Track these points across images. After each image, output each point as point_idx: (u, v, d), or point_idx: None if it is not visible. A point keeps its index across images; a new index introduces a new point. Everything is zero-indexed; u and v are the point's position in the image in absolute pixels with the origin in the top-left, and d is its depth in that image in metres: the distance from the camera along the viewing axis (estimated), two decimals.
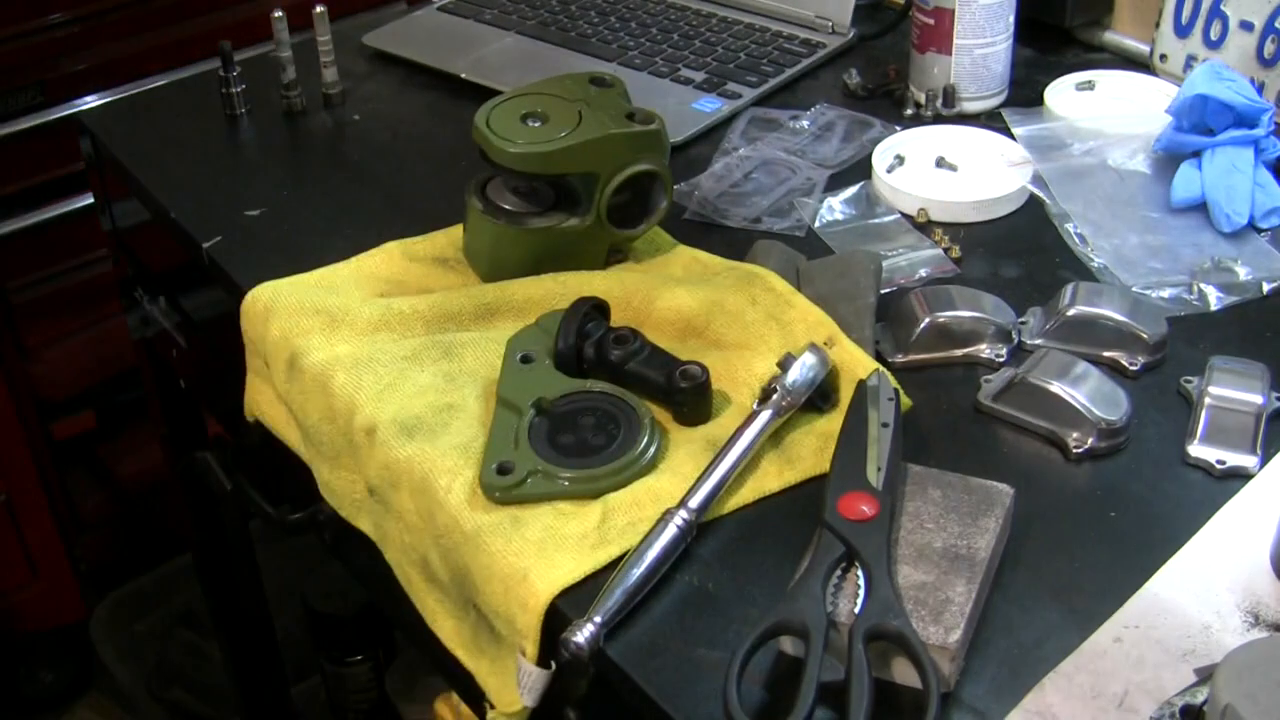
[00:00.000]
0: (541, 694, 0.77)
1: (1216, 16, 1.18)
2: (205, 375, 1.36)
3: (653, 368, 0.89)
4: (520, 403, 0.86)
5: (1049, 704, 0.69)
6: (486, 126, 0.96)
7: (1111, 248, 1.03)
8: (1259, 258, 1.01)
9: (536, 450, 0.83)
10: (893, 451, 0.79)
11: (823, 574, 0.72)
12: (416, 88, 1.33)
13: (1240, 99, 1.05)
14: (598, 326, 0.91)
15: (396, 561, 0.90)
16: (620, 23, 1.39)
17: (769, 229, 1.08)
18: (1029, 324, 0.95)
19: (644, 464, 0.83)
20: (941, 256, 1.04)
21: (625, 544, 0.78)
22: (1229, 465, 0.83)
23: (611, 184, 0.98)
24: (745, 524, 0.82)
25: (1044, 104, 1.20)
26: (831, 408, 0.87)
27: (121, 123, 1.31)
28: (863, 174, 1.14)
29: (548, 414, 0.86)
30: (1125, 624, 0.74)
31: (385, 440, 0.87)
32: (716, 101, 1.25)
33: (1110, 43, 1.32)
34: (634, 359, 0.89)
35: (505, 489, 0.81)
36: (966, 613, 0.71)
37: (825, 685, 0.68)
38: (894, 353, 0.93)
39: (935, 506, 0.78)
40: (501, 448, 0.83)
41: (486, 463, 0.83)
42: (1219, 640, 0.72)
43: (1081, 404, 0.85)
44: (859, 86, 1.27)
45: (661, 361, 0.89)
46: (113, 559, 2.02)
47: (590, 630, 0.73)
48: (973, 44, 1.19)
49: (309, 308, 0.97)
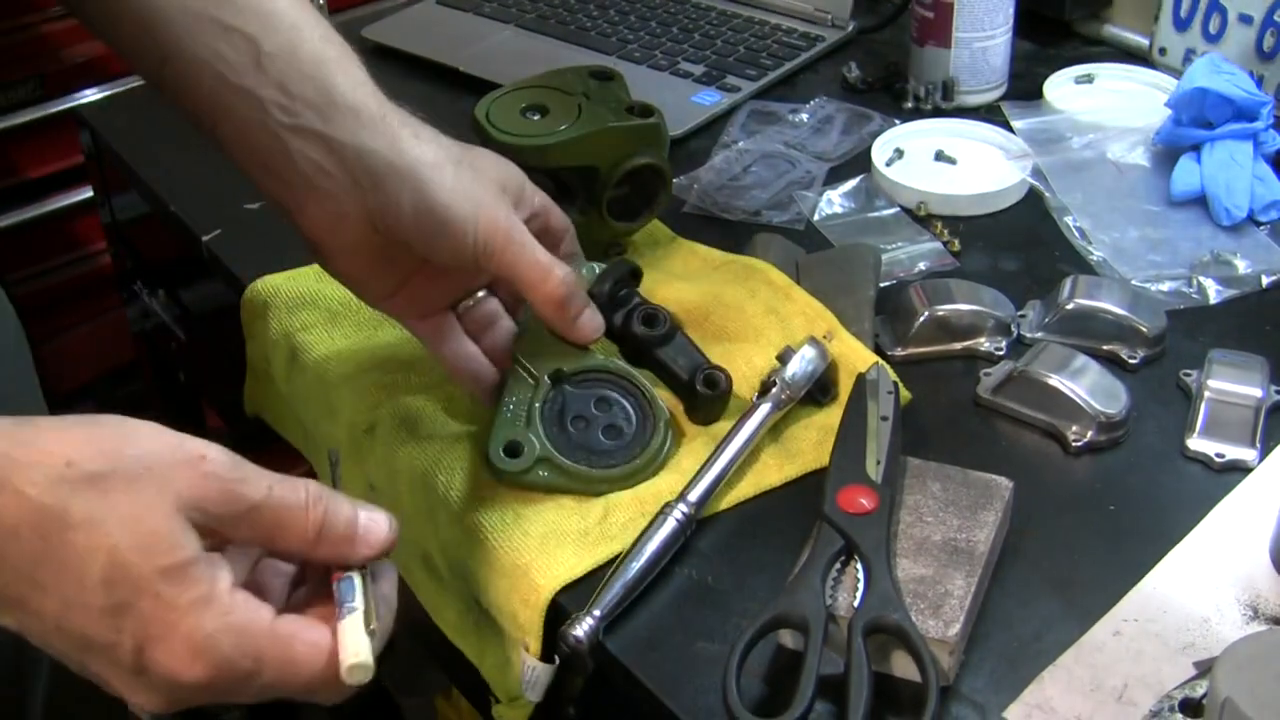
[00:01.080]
0: (546, 688, 0.77)
1: (1215, 10, 1.18)
2: (205, 368, 1.36)
3: (678, 362, 0.86)
4: (538, 370, 0.83)
5: (1048, 697, 0.69)
6: (486, 119, 0.96)
7: (1111, 241, 1.03)
8: (1258, 251, 1.01)
9: (547, 433, 0.81)
10: (892, 445, 0.79)
11: (822, 567, 0.72)
12: (416, 81, 1.33)
13: (1239, 92, 1.05)
14: (629, 296, 0.88)
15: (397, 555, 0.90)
16: (619, 16, 1.39)
17: (768, 222, 1.08)
18: (1028, 317, 0.95)
19: (652, 470, 0.83)
20: (941, 250, 1.04)
21: (627, 540, 0.78)
22: (1228, 458, 0.84)
23: (612, 177, 0.97)
24: (744, 517, 0.82)
25: (1043, 97, 1.20)
26: (831, 401, 0.87)
27: (121, 116, 1.30)
28: (862, 167, 1.14)
29: (562, 389, 0.83)
30: (1124, 617, 0.74)
31: (386, 436, 0.87)
32: (716, 95, 1.25)
33: (1109, 36, 1.31)
34: (661, 345, 0.87)
35: (512, 474, 0.80)
36: (966, 606, 0.71)
37: (824, 678, 0.68)
38: (893, 346, 0.93)
39: (934, 500, 0.78)
40: (512, 422, 0.81)
41: (495, 437, 0.80)
42: (1218, 633, 0.72)
43: (1081, 397, 0.85)
44: (858, 80, 1.27)
45: (688, 357, 0.87)
46: None
47: (589, 624, 0.73)
48: (972, 37, 1.19)
49: (309, 302, 0.97)
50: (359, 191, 0.73)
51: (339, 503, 0.61)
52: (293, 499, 0.59)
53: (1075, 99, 1.21)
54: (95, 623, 0.55)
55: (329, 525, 0.60)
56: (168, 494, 0.56)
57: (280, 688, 0.58)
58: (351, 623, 0.59)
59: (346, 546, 0.61)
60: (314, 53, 0.73)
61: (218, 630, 0.56)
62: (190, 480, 0.57)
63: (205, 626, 0.56)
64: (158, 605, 0.55)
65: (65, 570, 0.55)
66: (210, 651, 0.56)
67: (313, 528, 0.60)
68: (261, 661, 0.57)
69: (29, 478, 0.54)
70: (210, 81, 0.72)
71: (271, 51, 0.72)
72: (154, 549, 0.55)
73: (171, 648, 0.55)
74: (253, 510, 0.58)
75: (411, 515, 0.86)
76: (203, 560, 0.56)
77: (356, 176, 0.73)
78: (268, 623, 0.57)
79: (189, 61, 0.72)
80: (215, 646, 0.56)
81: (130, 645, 0.55)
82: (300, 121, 0.72)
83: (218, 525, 0.58)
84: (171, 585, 0.55)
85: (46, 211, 1.75)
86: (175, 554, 0.55)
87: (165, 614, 0.55)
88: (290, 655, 0.58)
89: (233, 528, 0.58)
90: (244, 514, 0.58)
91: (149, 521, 0.55)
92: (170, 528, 0.56)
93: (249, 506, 0.58)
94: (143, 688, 0.57)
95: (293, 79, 0.72)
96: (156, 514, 0.55)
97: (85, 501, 0.55)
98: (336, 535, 0.60)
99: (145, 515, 0.55)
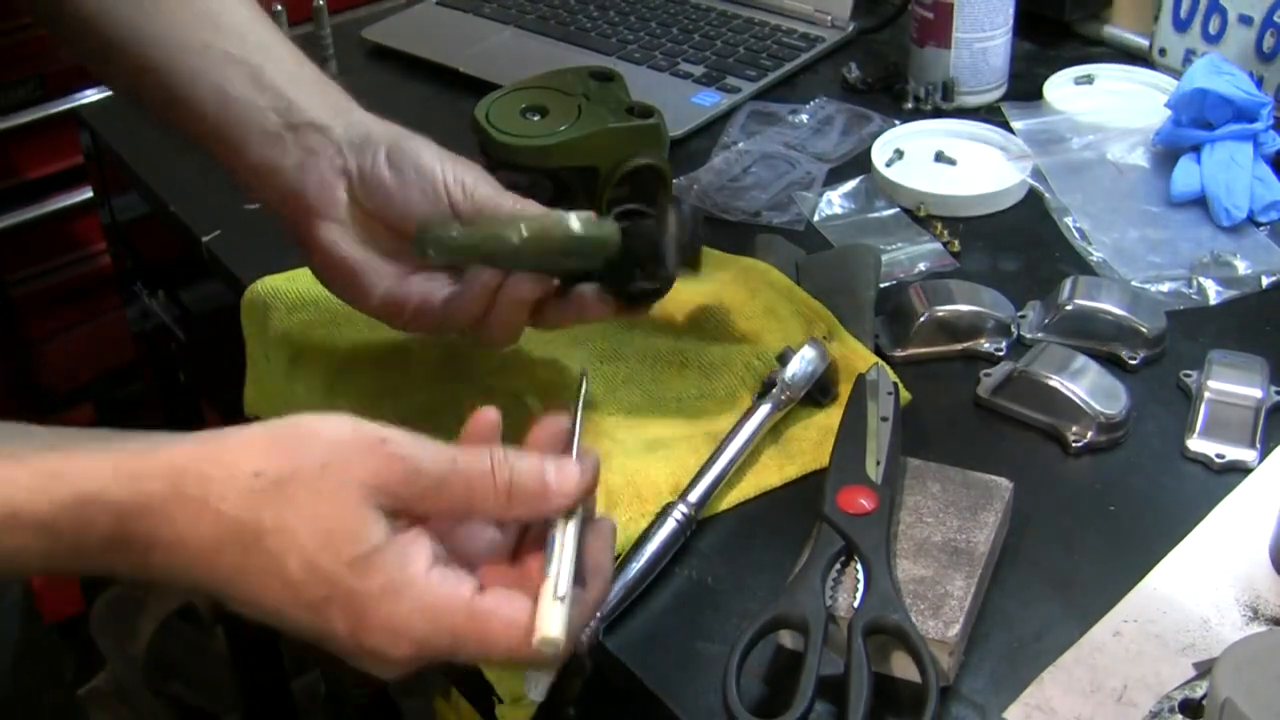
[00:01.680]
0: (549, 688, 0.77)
1: (1215, 11, 1.18)
2: (205, 369, 1.36)
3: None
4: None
5: (1048, 698, 0.69)
6: (486, 120, 0.96)
7: (1111, 241, 1.03)
8: (1258, 252, 1.01)
9: None
10: (892, 445, 0.79)
11: (822, 568, 0.72)
12: (416, 81, 1.33)
13: (1239, 93, 1.05)
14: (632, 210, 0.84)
15: None
16: (619, 17, 1.39)
17: (768, 223, 1.08)
18: (1028, 318, 0.95)
19: None
20: (941, 250, 1.04)
21: (627, 540, 0.78)
22: (1228, 459, 0.84)
23: (612, 178, 0.97)
24: (744, 518, 0.82)
25: (1043, 98, 1.20)
26: (831, 402, 0.87)
27: (120, 117, 1.30)
28: (862, 168, 1.14)
29: None
30: (1124, 618, 0.74)
31: None
32: (716, 95, 1.25)
33: (1109, 37, 1.32)
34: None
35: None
36: (965, 607, 0.71)
37: (824, 679, 0.68)
38: (893, 347, 0.93)
39: (934, 500, 0.78)
40: None
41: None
42: (1218, 634, 0.72)
43: (1081, 398, 0.85)
44: (858, 80, 1.27)
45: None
46: None
47: (590, 624, 0.73)
48: (972, 38, 1.19)
49: (309, 302, 0.97)
50: (350, 150, 0.81)
51: (526, 460, 0.62)
52: (478, 466, 0.61)
53: (1075, 100, 1.21)
54: (307, 617, 0.59)
55: (518, 485, 0.61)
56: (350, 486, 0.58)
57: (485, 660, 0.61)
58: (545, 591, 0.60)
59: (540, 502, 0.62)
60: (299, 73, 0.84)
61: (412, 613, 0.58)
62: (372, 467, 0.59)
63: (400, 611, 0.58)
64: (352, 598, 0.58)
65: (268, 576, 0.58)
66: (409, 633, 0.59)
67: (502, 490, 0.61)
68: (458, 639, 0.59)
69: (222, 494, 0.58)
70: (215, 102, 0.81)
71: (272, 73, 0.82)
72: (338, 545, 0.58)
73: (375, 633, 0.59)
74: (439, 484, 0.60)
75: None
76: (389, 547, 0.59)
77: (350, 138, 0.81)
78: (464, 601, 0.59)
79: (189, 85, 0.81)
80: (412, 628, 0.59)
81: (344, 631, 0.59)
82: (294, 119, 0.81)
83: (406, 505, 0.60)
84: (360, 577, 0.58)
85: (46, 212, 1.75)
86: (358, 546, 0.58)
87: (361, 604, 0.58)
88: (486, 633, 0.59)
89: (422, 504, 0.60)
90: (431, 490, 0.60)
91: (332, 519, 0.58)
92: (352, 521, 0.58)
93: (434, 482, 0.60)
94: (370, 664, 0.60)
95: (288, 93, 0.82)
96: (340, 509, 0.58)
97: (274, 509, 0.58)
98: (528, 493, 0.62)
99: (328, 513, 0.58)
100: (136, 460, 0.59)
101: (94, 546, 0.58)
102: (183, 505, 0.58)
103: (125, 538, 0.58)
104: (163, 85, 0.82)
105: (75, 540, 0.58)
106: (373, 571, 0.58)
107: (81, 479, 0.58)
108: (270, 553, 0.58)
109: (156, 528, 0.58)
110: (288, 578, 0.58)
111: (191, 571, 0.59)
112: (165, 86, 0.82)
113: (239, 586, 0.59)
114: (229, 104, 0.80)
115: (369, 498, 0.59)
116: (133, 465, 0.59)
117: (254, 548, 0.58)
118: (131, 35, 0.83)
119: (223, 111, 0.81)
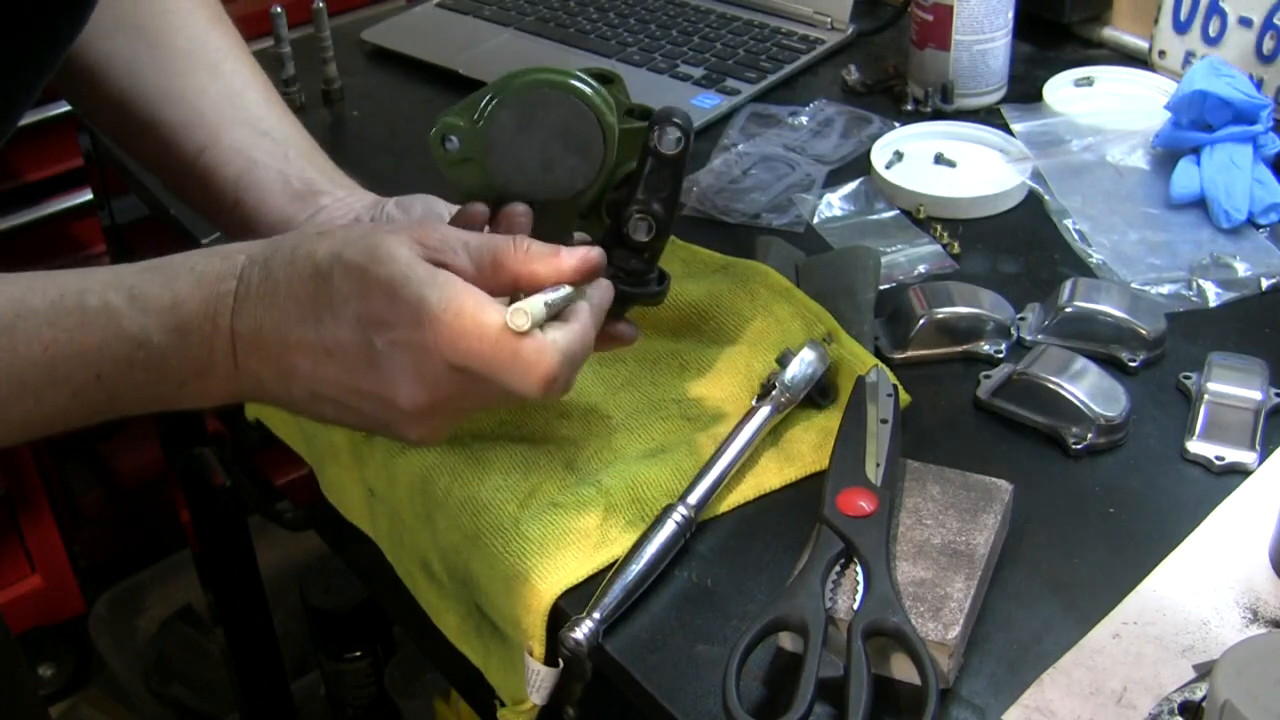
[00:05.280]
0: (550, 692, 0.78)
1: (1215, 13, 1.18)
2: None
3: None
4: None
5: (1048, 700, 0.70)
6: None
7: (1110, 244, 1.03)
8: (1258, 254, 1.01)
9: None
10: (892, 447, 0.79)
11: (821, 570, 0.72)
12: (415, 83, 1.33)
13: (1239, 95, 1.05)
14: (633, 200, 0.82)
15: (398, 560, 0.90)
16: (619, 19, 1.39)
17: (768, 225, 1.08)
18: (1028, 320, 0.95)
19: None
20: (940, 252, 1.04)
21: (627, 544, 0.78)
22: (1228, 461, 0.84)
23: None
24: (744, 520, 0.82)
25: (1043, 100, 1.20)
26: (830, 404, 0.88)
27: None
28: (862, 170, 1.14)
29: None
30: (1124, 620, 0.74)
31: (385, 442, 0.87)
32: (715, 98, 1.25)
33: (1109, 39, 1.32)
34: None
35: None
36: (965, 609, 0.71)
37: (824, 681, 0.68)
38: (893, 349, 0.93)
39: (934, 503, 0.78)
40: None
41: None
42: (1218, 636, 0.73)
43: (1080, 400, 0.85)
44: (858, 82, 1.27)
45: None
46: (112, 554, 2.02)
47: (589, 626, 0.73)
48: (971, 40, 1.19)
49: None
50: (362, 208, 0.87)
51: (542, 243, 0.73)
52: (501, 238, 0.72)
53: (1075, 102, 1.21)
54: (348, 336, 0.68)
55: (536, 249, 0.72)
56: (392, 231, 0.70)
57: (466, 354, 0.67)
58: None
59: (553, 257, 0.72)
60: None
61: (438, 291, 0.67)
62: (410, 230, 0.70)
63: (432, 296, 0.67)
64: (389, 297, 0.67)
65: (320, 294, 0.68)
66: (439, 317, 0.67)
67: (521, 250, 0.72)
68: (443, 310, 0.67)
69: (294, 244, 0.70)
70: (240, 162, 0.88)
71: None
72: (376, 255, 0.68)
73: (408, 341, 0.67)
74: (468, 243, 0.71)
75: (410, 521, 0.86)
76: (414, 265, 0.68)
77: (363, 201, 0.88)
78: (459, 286, 0.68)
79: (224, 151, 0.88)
80: (432, 309, 0.67)
81: (381, 349, 0.67)
82: (314, 187, 0.88)
83: (438, 255, 0.69)
84: (384, 266, 0.68)
85: (46, 214, 1.75)
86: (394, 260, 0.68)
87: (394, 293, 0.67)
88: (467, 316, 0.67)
89: (453, 255, 0.70)
90: (461, 245, 0.70)
91: (372, 237, 0.69)
92: (390, 242, 0.68)
93: (463, 242, 0.71)
94: (407, 421, 0.70)
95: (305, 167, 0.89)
96: (379, 234, 0.69)
97: (328, 240, 0.70)
98: (544, 252, 0.72)
99: (371, 233, 0.70)
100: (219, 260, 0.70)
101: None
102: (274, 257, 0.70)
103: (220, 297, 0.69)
104: (179, 144, 0.89)
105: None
106: (402, 264, 0.68)
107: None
108: (323, 274, 0.68)
109: (248, 287, 0.69)
110: (335, 294, 0.68)
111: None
112: (183, 146, 0.88)
113: (291, 329, 0.68)
114: (254, 167, 0.87)
115: (405, 241, 0.69)
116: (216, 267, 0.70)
117: (308, 271, 0.69)
118: (155, 103, 0.89)
119: (247, 174, 0.87)
